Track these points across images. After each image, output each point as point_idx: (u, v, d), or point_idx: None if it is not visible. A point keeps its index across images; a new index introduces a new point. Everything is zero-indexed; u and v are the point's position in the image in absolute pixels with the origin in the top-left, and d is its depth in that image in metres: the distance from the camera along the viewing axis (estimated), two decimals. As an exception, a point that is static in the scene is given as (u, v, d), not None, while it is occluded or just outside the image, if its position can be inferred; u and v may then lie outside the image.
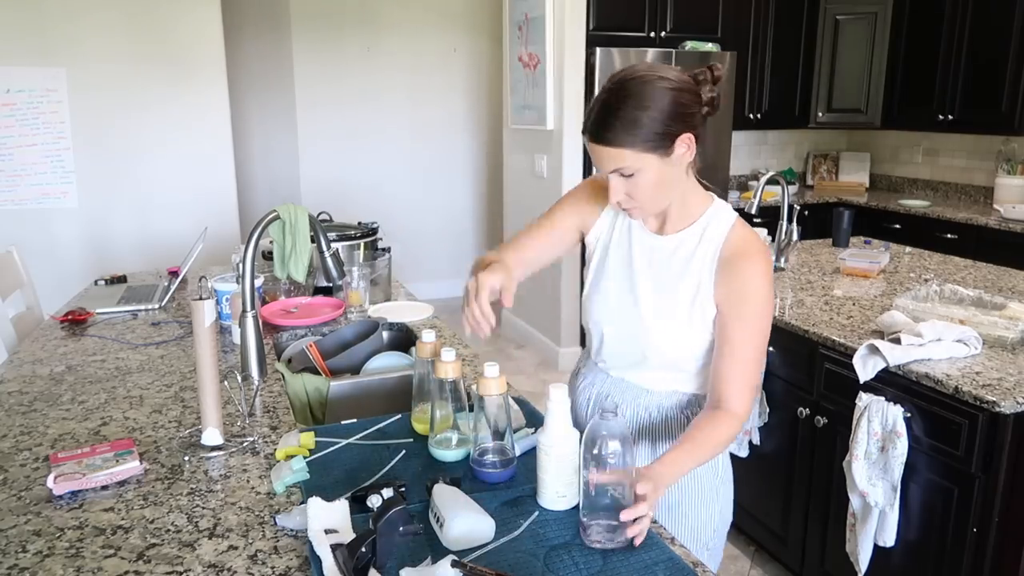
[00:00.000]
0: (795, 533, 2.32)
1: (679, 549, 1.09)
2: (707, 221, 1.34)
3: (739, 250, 1.30)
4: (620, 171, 1.22)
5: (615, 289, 1.41)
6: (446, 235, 5.97)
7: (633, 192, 1.25)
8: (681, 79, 1.22)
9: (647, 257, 1.37)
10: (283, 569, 1.04)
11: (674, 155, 1.22)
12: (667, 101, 1.18)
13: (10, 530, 1.13)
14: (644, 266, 1.37)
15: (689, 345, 1.36)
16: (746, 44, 4.74)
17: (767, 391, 2.34)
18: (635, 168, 1.21)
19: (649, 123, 1.18)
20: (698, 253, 1.32)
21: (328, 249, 1.86)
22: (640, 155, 1.20)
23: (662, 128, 1.19)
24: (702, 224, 1.34)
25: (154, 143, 4.11)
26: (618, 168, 1.22)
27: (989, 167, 4.55)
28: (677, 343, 1.36)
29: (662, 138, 1.20)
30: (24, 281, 2.66)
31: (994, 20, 4.07)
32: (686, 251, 1.33)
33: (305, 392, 1.79)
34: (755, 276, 1.28)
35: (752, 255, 1.29)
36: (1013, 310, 2.06)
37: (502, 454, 1.28)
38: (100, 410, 1.59)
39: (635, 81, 1.19)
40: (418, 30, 5.50)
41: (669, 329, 1.35)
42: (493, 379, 1.24)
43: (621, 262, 1.41)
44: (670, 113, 1.19)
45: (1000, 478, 1.70)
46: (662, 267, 1.35)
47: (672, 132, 1.20)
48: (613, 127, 1.18)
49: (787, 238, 2.91)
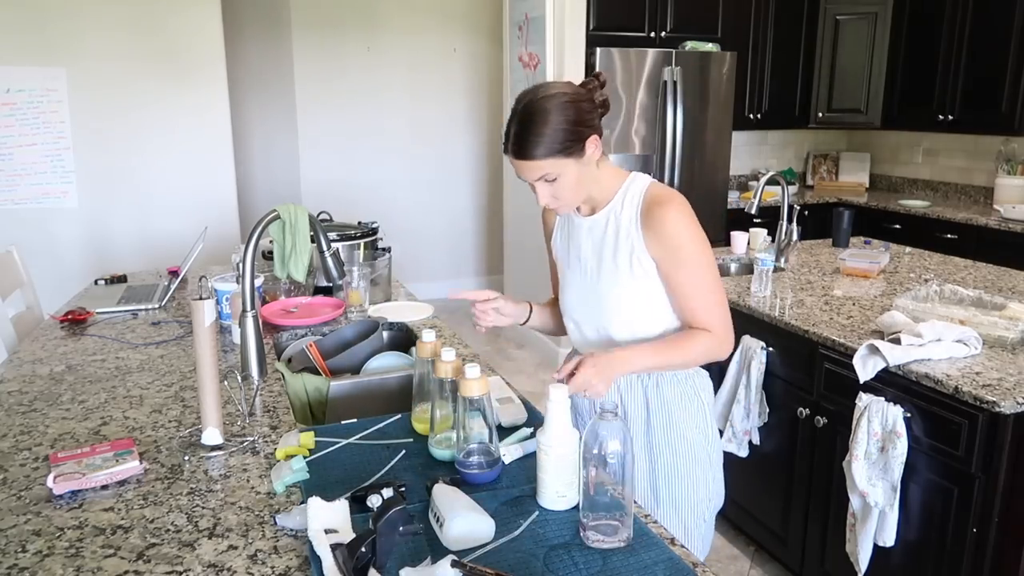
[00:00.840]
0: (795, 533, 2.32)
1: (679, 549, 1.09)
2: (626, 188, 1.49)
3: (654, 200, 1.44)
4: (543, 178, 1.38)
5: (574, 278, 1.57)
6: (446, 235, 5.97)
7: (558, 193, 1.41)
8: (575, 91, 1.40)
9: (588, 239, 1.53)
10: (283, 569, 1.04)
11: (586, 155, 1.39)
12: (568, 112, 1.35)
13: (10, 530, 1.13)
14: (588, 248, 1.53)
15: (640, 301, 1.49)
16: (746, 44, 4.75)
17: (767, 391, 2.34)
18: (556, 174, 1.38)
19: (560, 135, 1.35)
20: (623, 216, 1.47)
21: (328, 249, 1.87)
22: (557, 161, 1.36)
23: (572, 136, 1.36)
24: (622, 193, 1.49)
25: (154, 143, 4.11)
26: (541, 176, 1.38)
27: (989, 167, 4.55)
28: (630, 302, 1.49)
29: (573, 144, 1.36)
30: (24, 281, 2.66)
31: (994, 20, 4.07)
32: (615, 219, 1.48)
33: (305, 392, 1.79)
34: (675, 219, 1.42)
35: (666, 202, 1.43)
36: (1013, 310, 2.06)
37: (487, 455, 1.28)
38: (100, 410, 1.59)
39: (540, 101, 1.36)
40: (418, 30, 5.50)
41: (620, 294, 1.48)
42: (475, 380, 1.24)
43: (572, 253, 1.57)
44: (574, 121, 1.36)
45: (1000, 478, 1.70)
46: (601, 242, 1.50)
47: (580, 136, 1.37)
48: (531, 143, 1.35)
49: (787, 238, 2.91)
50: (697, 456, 1.54)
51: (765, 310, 2.32)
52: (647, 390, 1.53)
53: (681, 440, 1.53)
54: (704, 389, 1.58)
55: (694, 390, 1.55)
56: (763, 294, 2.48)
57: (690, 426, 1.53)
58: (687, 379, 1.54)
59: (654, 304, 1.49)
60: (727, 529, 2.70)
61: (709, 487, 1.56)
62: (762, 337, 2.33)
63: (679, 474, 1.53)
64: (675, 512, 1.53)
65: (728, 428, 2.40)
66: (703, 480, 1.55)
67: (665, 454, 1.53)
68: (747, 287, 2.57)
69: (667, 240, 1.42)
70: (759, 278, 2.51)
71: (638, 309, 1.49)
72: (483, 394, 1.25)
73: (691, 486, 1.54)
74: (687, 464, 1.53)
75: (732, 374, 2.41)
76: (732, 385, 2.41)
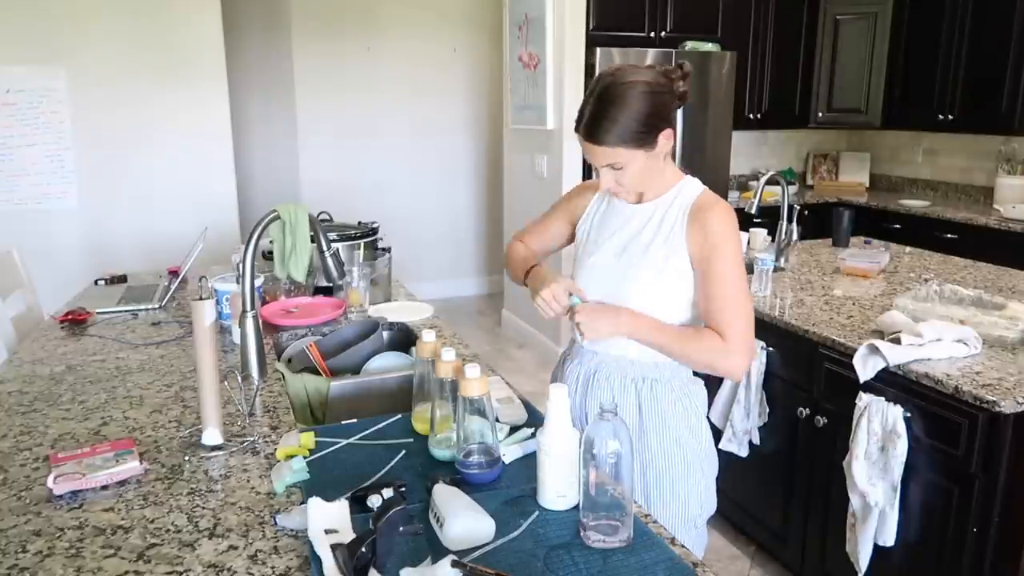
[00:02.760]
0: (795, 533, 2.32)
1: (679, 549, 1.09)
2: (679, 189, 1.50)
3: (706, 204, 1.45)
4: (611, 165, 1.40)
5: (599, 260, 1.54)
6: (446, 235, 5.97)
7: (622, 180, 1.43)
8: (657, 79, 1.38)
9: (624, 224, 1.53)
10: (283, 569, 1.04)
11: (657, 148, 1.40)
12: (648, 103, 1.35)
13: (10, 530, 1.13)
14: (625, 234, 1.51)
15: (658, 297, 1.46)
16: (746, 44, 4.75)
17: (767, 391, 2.34)
18: (625, 163, 1.39)
19: (635, 125, 1.35)
20: (670, 212, 1.48)
21: (328, 249, 1.86)
22: (629, 151, 1.37)
23: (646, 128, 1.36)
24: (675, 192, 1.50)
25: (154, 143, 4.11)
26: (610, 163, 1.39)
27: (989, 167, 4.55)
28: (649, 295, 1.46)
29: (647, 135, 1.37)
30: (24, 281, 2.66)
31: (994, 20, 4.07)
32: (660, 213, 1.49)
33: (305, 392, 1.79)
34: (724, 219, 1.42)
35: (717, 206, 1.44)
36: (1013, 310, 2.06)
37: (487, 455, 1.28)
38: (100, 410, 1.59)
39: (621, 86, 1.35)
40: (418, 30, 5.50)
41: (643, 285, 1.46)
42: (475, 380, 1.24)
43: (604, 235, 1.55)
44: (651, 113, 1.35)
45: (1000, 478, 1.70)
46: (638, 229, 1.50)
47: (654, 128, 1.37)
48: (605, 129, 1.35)
49: (787, 238, 2.91)
50: (690, 463, 1.52)
51: (765, 310, 2.32)
52: (640, 393, 1.51)
53: (675, 446, 1.51)
54: (699, 398, 1.56)
55: (688, 398, 1.53)
56: (763, 294, 2.48)
57: (684, 432, 1.51)
58: (682, 386, 1.53)
59: (670, 305, 1.47)
60: (727, 529, 2.70)
61: (701, 495, 1.54)
62: (762, 337, 2.33)
63: (671, 480, 1.51)
64: (666, 517, 1.52)
65: (728, 428, 2.40)
66: (695, 488, 1.53)
67: (658, 459, 1.51)
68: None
69: (711, 236, 1.41)
70: (759, 278, 2.51)
71: (654, 304, 1.46)
72: (483, 394, 1.25)
73: (682, 493, 1.51)
74: (680, 470, 1.51)
75: (732, 374, 2.41)
76: (732, 385, 2.41)
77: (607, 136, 1.35)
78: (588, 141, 1.38)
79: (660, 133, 1.38)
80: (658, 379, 1.51)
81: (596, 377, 1.56)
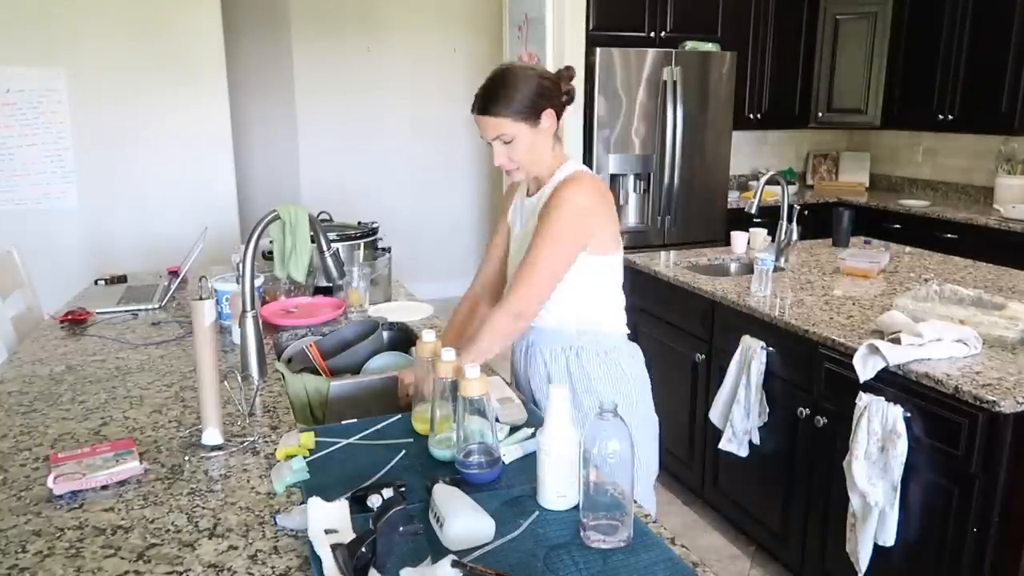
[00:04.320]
0: (795, 533, 2.32)
1: (680, 549, 1.09)
2: (559, 175, 1.63)
3: (568, 180, 1.59)
4: (501, 138, 1.55)
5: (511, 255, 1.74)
6: (446, 235, 5.96)
7: (512, 155, 1.57)
8: (546, 74, 1.58)
9: (526, 217, 1.69)
10: (283, 569, 1.04)
11: (541, 125, 1.56)
12: (534, 84, 1.54)
13: (10, 530, 1.13)
14: (525, 225, 1.68)
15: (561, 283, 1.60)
16: (746, 44, 4.74)
17: (767, 391, 2.34)
18: (512, 135, 1.54)
19: (520, 99, 1.53)
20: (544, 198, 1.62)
21: (328, 249, 1.86)
22: (515, 123, 1.54)
23: (530, 103, 1.53)
24: (556, 178, 1.63)
25: (154, 143, 4.11)
26: (499, 135, 1.55)
27: (989, 167, 4.55)
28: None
29: (531, 111, 1.54)
30: (24, 281, 2.66)
31: (994, 20, 4.07)
32: (543, 201, 1.62)
33: (305, 392, 1.79)
34: (568, 197, 1.55)
35: (575, 183, 1.57)
36: (1013, 310, 2.06)
37: (487, 455, 1.28)
38: (100, 410, 1.59)
39: (510, 70, 1.56)
40: (418, 30, 5.50)
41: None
42: (475, 380, 1.24)
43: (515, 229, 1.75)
44: (536, 92, 1.54)
45: (1000, 478, 1.70)
46: (532, 220, 1.64)
47: (538, 107, 1.55)
48: (493, 102, 1.54)
49: (787, 238, 2.91)
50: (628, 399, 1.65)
51: (765, 310, 2.33)
52: (568, 360, 1.66)
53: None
54: (627, 362, 1.69)
55: (615, 362, 1.67)
56: (763, 294, 2.48)
57: (611, 394, 1.62)
58: (607, 352, 1.66)
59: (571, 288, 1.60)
60: (727, 529, 2.71)
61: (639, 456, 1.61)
62: (762, 337, 2.33)
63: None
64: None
65: (728, 428, 2.40)
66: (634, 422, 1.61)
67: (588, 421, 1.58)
68: (747, 287, 2.57)
69: (548, 209, 1.55)
70: (759, 278, 2.51)
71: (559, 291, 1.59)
72: (483, 394, 1.25)
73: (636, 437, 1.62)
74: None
75: (732, 374, 2.41)
76: (732, 385, 2.41)
77: (495, 107, 1.52)
78: (480, 114, 1.55)
79: (543, 111, 1.54)
80: (584, 346, 1.66)
81: (532, 348, 1.72)
